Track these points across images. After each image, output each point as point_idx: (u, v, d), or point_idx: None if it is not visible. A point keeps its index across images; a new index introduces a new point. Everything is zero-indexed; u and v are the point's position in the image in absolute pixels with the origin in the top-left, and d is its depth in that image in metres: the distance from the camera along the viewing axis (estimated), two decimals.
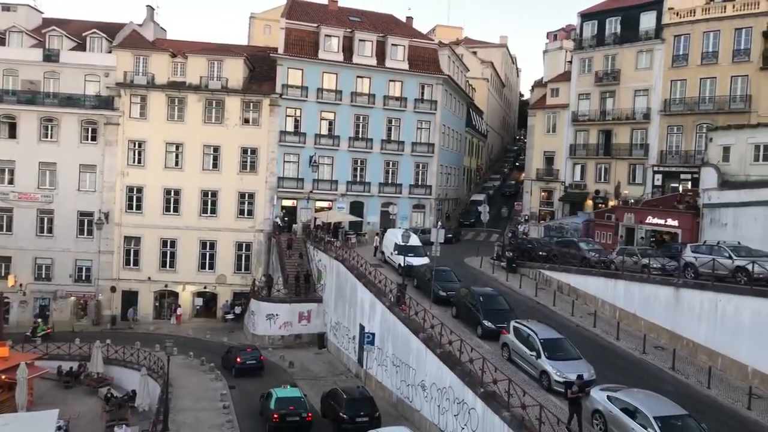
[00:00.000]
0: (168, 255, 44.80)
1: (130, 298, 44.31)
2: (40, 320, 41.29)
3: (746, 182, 32.29)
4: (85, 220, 44.18)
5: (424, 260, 33.20)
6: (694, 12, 42.86)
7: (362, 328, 30.64)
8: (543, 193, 53.12)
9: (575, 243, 35.02)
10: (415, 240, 34.56)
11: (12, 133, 43.87)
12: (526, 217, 52.65)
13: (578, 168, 49.88)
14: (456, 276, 30.44)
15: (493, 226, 53.72)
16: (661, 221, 36.70)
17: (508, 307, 25.37)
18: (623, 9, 47.53)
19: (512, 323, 22.28)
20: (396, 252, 34.59)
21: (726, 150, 34.22)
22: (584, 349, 21.54)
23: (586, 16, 49.92)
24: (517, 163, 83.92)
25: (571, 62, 52.79)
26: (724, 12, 41.39)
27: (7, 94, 43.66)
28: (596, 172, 48.50)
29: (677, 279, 25.46)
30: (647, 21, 45.19)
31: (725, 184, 33.08)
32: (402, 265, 32.05)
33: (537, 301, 30.31)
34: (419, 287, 30.84)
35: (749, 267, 22.64)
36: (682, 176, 42.56)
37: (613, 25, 47.53)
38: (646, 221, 37.46)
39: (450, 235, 46.21)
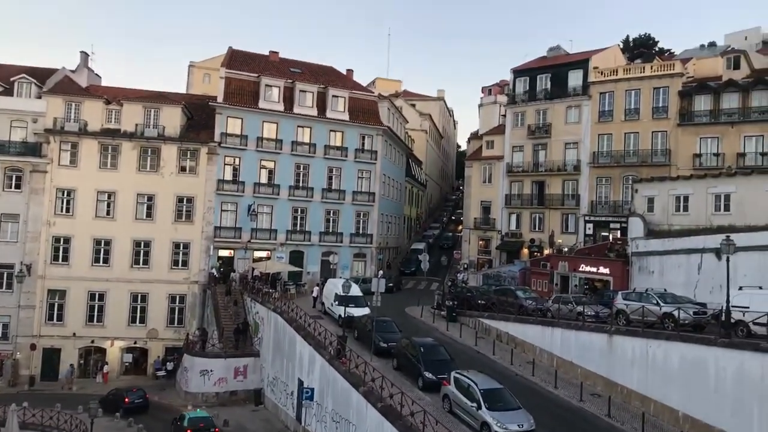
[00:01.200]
0: (96, 309, 42.50)
1: (51, 356, 41.51)
2: None
3: (670, 231, 34.01)
4: (5, 273, 41.49)
5: (365, 311, 32.86)
6: (617, 72, 45.79)
7: (301, 382, 29.74)
8: (481, 242, 54.15)
9: (512, 291, 35.66)
10: (355, 290, 34.23)
11: None
12: (465, 266, 53.34)
13: (514, 217, 51.28)
14: (397, 326, 30.23)
15: (433, 275, 54.07)
16: (594, 269, 37.96)
17: (449, 358, 25.28)
18: (553, 67, 50.28)
19: (453, 374, 22.13)
20: (336, 303, 34.14)
21: (650, 201, 36.09)
22: (524, 398, 21.59)
23: (518, 72, 52.39)
24: (453, 217, 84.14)
25: (505, 116, 54.98)
26: (643, 72, 44.44)
27: None
28: (531, 221, 49.98)
29: (610, 326, 26.16)
30: (575, 78, 47.87)
31: (651, 233, 34.72)
32: (342, 316, 31.59)
33: (477, 351, 30.39)
34: (360, 339, 30.37)
35: (675, 313, 23.60)
36: (612, 225, 44.41)
37: (543, 82, 50.04)
38: (580, 269, 38.65)
39: (391, 285, 46.16)
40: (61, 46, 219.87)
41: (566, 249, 43.58)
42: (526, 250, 49.15)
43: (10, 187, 42.12)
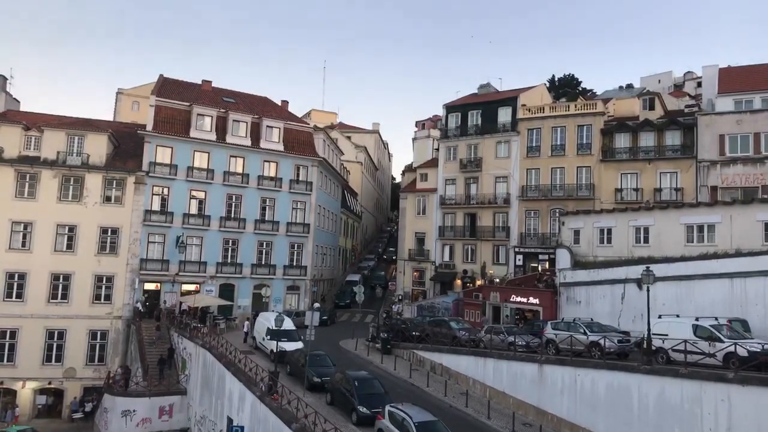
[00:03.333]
0: (6, 347, 39.57)
1: None
2: None
3: (594, 262, 35.32)
4: None
5: (298, 345, 32.15)
6: (543, 109, 47.90)
7: (230, 421, 28.52)
8: (415, 273, 54.49)
9: (446, 322, 35.86)
10: (288, 324, 33.44)
11: None
12: (400, 297, 53.42)
13: (447, 248, 52.01)
14: (331, 360, 29.68)
15: (368, 307, 53.78)
16: (524, 299, 38.79)
17: (383, 391, 24.95)
18: (483, 104, 52.06)
19: (387, 407, 21.82)
20: (268, 337, 33.24)
21: (576, 233, 37.46)
22: (457, 430, 21.55)
23: (450, 108, 53.86)
24: (385, 256, 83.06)
25: (438, 149, 56.16)
26: (568, 110, 46.70)
27: None
28: (464, 252, 50.83)
29: (540, 356, 26.68)
30: (504, 115, 49.67)
31: (577, 264, 35.94)
32: (275, 350, 30.75)
33: (411, 383, 30.22)
34: (293, 374, 29.60)
35: (601, 342, 24.37)
36: (541, 257, 45.78)
37: (474, 118, 51.64)
38: (511, 299, 39.41)
39: (325, 318, 45.45)
40: None
41: (497, 280, 44.48)
42: (459, 281, 49.83)
43: None
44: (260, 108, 52.05)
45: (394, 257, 71.74)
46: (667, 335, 22.54)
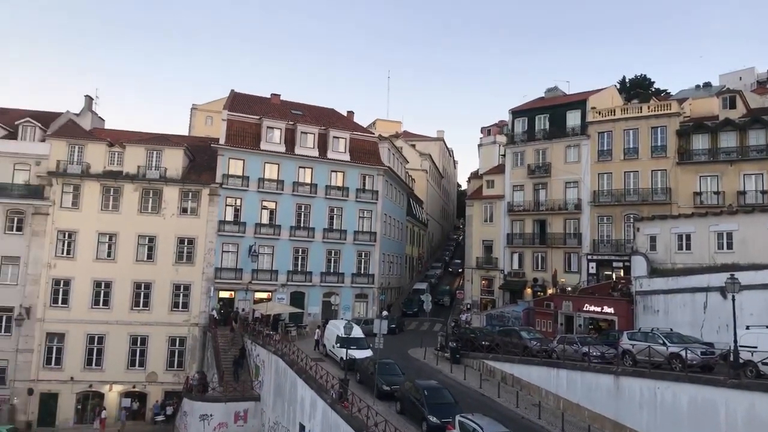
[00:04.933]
0: (94, 352, 41.99)
1: (49, 401, 40.76)
2: None
3: (673, 270, 33.82)
4: (4, 317, 41.12)
5: (368, 353, 32.41)
6: (614, 111, 46.39)
7: (302, 427, 29.09)
8: (483, 281, 53.82)
9: (517, 332, 35.18)
10: (357, 332, 33.80)
11: None
12: (468, 306, 52.89)
13: (516, 256, 51.11)
14: (400, 369, 29.73)
15: (435, 315, 53.53)
16: (598, 308, 37.60)
17: (453, 401, 24.75)
18: (551, 107, 50.98)
19: (457, 418, 21.64)
20: (338, 345, 33.69)
21: (653, 239, 36.00)
22: None
23: (516, 113, 53.07)
24: (450, 268, 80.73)
25: (504, 155, 55.41)
26: (641, 112, 45.01)
27: None
28: (533, 260, 49.79)
29: (616, 367, 25.74)
30: (573, 119, 48.45)
31: (654, 271, 34.51)
32: (344, 358, 31.11)
33: (482, 393, 29.81)
34: (362, 382, 29.85)
35: (683, 354, 23.23)
36: (615, 264, 44.23)
37: (542, 122, 50.64)
38: (584, 309, 38.29)
39: (393, 326, 45.66)
40: (67, 90, 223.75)
41: (570, 288, 43.30)
42: (529, 290, 48.82)
43: (12, 230, 42.11)
44: (327, 119, 53.09)
45: (460, 269, 70.90)
46: (756, 347, 21.24)
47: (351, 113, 57.81)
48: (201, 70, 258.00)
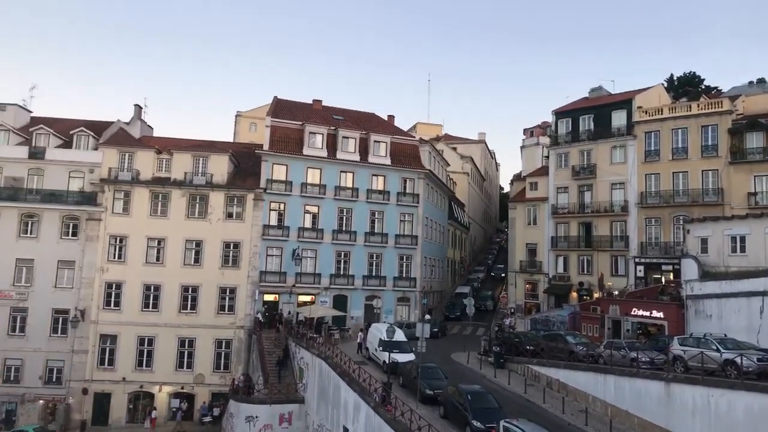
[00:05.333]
0: (145, 353, 43.28)
1: (102, 401, 42.21)
2: None
3: (726, 273, 32.61)
4: (60, 318, 42.88)
5: (410, 356, 32.38)
6: (662, 111, 45.11)
7: (346, 430, 29.24)
8: (527, 285, 53.05)
9: (562, 336, 34.54)
10: (400, 335, 33.80)
11: None
12: (512, 310, 52.24)
13: (561, 260, 50.21)
14: (443, 373, 29.59)
15: (478, 319, 53.04)
16: (647, 313, 36.58)
17: (498, 406, 24.49)
18: (595, 108, 49.92)
19: (502, 423, 21.41)
20: (381, 348, 33.76)
21: (704, 242, 34.84)
22: None
23: (560, 114, 52.18)
24: (492, 273, 77.89)
25: (548, 157, 54.55)
26: (690, 111, 43.63)
27: None
28: (579, 263, 48.81)
29: (667, 373, 24.98)
30: (618, 119, 47.33)
31: (706, 275, 33.37)
32: (387, 362, 31.16)
33: (527, 398, 29.38)
34: (405, 385, 29.84)
35: (738, 360, 22.36)
36: (664, 267, 42.94)
37: (586, 123, 49.64)
38: (632, 313, 37.32)
39: (436, 330, 45.38)
40: (117, 99, 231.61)
41: (617, 292, 42.25)
42: (575, 294, 47.86)
43: (67, 235, 43.92)
44: (367, 124, 53.41)
45: (502, 275, 69.87)
46: None
47: (392, 117, 58.00)
48: (244, 77, 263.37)
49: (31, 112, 50.60)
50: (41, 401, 41.84)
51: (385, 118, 57.39)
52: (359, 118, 54.71)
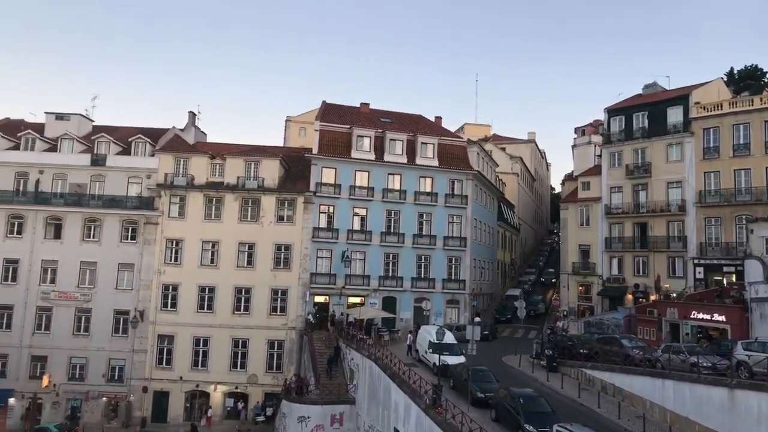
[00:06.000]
0: (200, 354, 44.53)
1: (161, 399, 43.67)
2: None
3: None
4: (121, 319, 44.64)
5: (460, 359, 32.17)
6: (721, 106, 43.40)
7: None
8: (580, 288, 51.88)
9: (617, 340, 33.61)
10: (450, 337, 33.63)
11: (57, 234, 45.61)
12: (565, 313, 51.21)
13: (615, 261, 48.89)
14: (494, 376, 29.27)
15: (530, 322, 52.22)
16: (707, 316, 35.22)
17: (551, 410, 24.03)
18: (650, 104, 48.46)
19: (555, 427, 21.03)
20: (430, 350, 33.65)
21: None
22: None
23: (612, 111, 50.88)
24: (543, 278, 74.24)
25: (600, 156, 53.28)
26: (752, 105, 41.81)
27: (56, 196, 45.83)
28: (634, 265, 47.42)
29: (730, 379, 23.97)
30: (674, 115, 45.81)
31: None
32: (437, 364, 31.05)
33: (581, 403, 28.73)
34: (455, 388, 29.66)
35: None
36: (725, 269, 41.24)
37: (640, 120, 48.23)
38: (691, 316, 36.00)
39: (486, 332, 44.95)
40: (172, 107, 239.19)
41: (675, 295, 40.83)
42: (630, 296, 46.52)
43: (127, 239, 45.71)
44: (415, 126, 53.42)
45: (553, 279, 68.25)
46: None
47: (439, 119, 57.83)
48: (294, 82, 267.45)
49: (92, 121, 52.92)
50: (104, 398, 43.63)
51: (433, 120, 57.26)
52: (406, 120, 54.78)
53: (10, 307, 44.51)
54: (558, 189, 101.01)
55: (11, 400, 43.05)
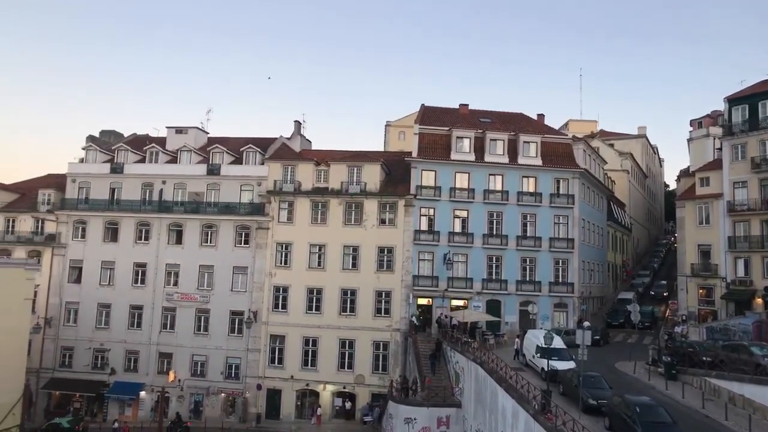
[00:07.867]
0: (309, 353, 46.18)
1: (274, 397, 45.75)
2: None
3: None
4: (236, 319, 47.32)
5: (570, 364, 31.04)
6: None
7: None
8: (701, 291, 48.33)
9: (746, 347, 30.97)
10: (558, 342, 32.56)
11: (179, 240, 49.21)
12: (684, 317, 47.95)
13: (741, 262, 45.12)
14: (607, 383, 27.96)
15: (645, 328, 49.35)
16: None
17: (671, 420, 22.56)
18: None
19: None
20: (538, 355, 32.74)
21: None
22: None
23: (734, 100, 47.05)
24: (652, 292, 66.54)
25: (720, 149, 49.44)
26: None
27: (176, 204, 49.54)
28: (763, 266, 43.49)
29: None
30: None
31: None
32: (545, 369, 30.16)
33: (705, 414, 26.75)
34: (565, 394, 28.65)
35: None
36: None
37: (766, 108, 44.24)
38: None
39: (597, 337, 43.02)
40: (279, 117, 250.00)
41: None
42: (759, 300, 42.72)
43: (240, 243, 48.45)
44: (516, 124, 52.28)
45: (665, 293, 63.14)
46: None
47: (541, 116, 56.22)
48: (393, 87, 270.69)
49: (207, 133, 56.62)
50: (223, 394, 46.43)
51: (535, 118, 55.77)
52: (507, 119, 53.74)
53: (140, 308, 48.65)
54: (673, 186, 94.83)
55: (142, 393, 46.99)
